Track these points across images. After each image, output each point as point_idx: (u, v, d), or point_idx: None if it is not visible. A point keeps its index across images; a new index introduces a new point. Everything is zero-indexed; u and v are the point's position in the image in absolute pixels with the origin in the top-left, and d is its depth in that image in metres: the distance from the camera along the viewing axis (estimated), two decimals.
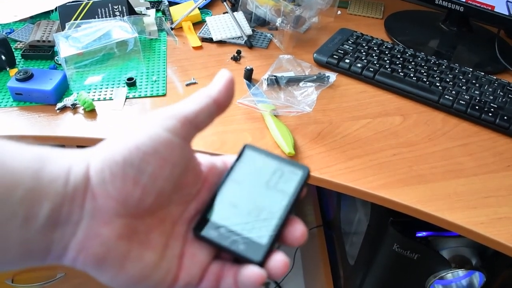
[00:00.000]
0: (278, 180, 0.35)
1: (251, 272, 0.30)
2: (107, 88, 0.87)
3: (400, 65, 0.92)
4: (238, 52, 0.96)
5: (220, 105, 0.33)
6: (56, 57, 0.92)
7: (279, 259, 0.31)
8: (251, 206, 0.34)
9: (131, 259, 0.30)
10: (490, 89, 0.89)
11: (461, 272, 0.82)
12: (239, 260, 0.32)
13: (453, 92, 0.87)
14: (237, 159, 0.36)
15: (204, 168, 0.35)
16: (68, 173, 0.28)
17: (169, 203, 0.32)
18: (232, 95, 0.34)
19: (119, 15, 0.96)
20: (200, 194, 0.34)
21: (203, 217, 0.33)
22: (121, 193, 0.28)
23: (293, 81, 0.88)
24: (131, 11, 0.99)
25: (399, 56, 0.95)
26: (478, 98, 0.87)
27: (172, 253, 0.32)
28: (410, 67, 0.92)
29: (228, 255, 0.33)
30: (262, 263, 0.31)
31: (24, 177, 0.27)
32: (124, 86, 0.87)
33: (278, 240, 0.33)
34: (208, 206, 0.34)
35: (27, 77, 0.81)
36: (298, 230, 0.33)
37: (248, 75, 0.89)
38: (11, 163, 0.27)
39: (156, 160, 0.29)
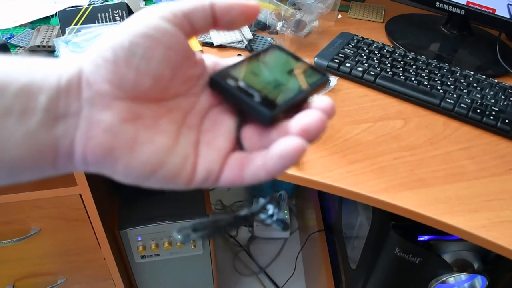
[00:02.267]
0: (299, 72, 0.35)
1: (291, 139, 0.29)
2: None
3: (401, 69, 0.92)
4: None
5: (217, 14, 0.32)
6: None
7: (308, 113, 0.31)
8: (271, 79, 0.33)
9: (140, 142, 0.29)
10: (492, 93, 0.89)
11: (463, 276, 0.82)
12: (250, 114, 0.32)
13: (454, 95, 0.87)
14: (263, 51, 0.36)
15: (209, 63, 0.35)
16: (61, 70, 0.28)
17: (175, 94, 0.31)
18: (238, 14, 0.32)
19: (119, 20, 0.96)
20: (208, 88, 0.34)
21: (224, 70, 0.33)
22: (115, 75, 0.28)
23: None
24: (130, 15, 0.99)
25: (400, 59, 0.95)
26: (479, 101, 0.86)
27: (186, 140, 0.31)
28: (411, 70, 0.92)
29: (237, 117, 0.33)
30: (273, 120, 0.31)
31: (17, 76, 0.27)
32: None
33: (291, 112, 0.32)
34: (230, 66, 0.34)
35: None
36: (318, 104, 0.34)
37: None
38: (4, 66, 0.28)
39: (147, 42, 0.28)
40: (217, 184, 0.31)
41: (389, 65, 0.93)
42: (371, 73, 0.91)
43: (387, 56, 0.96)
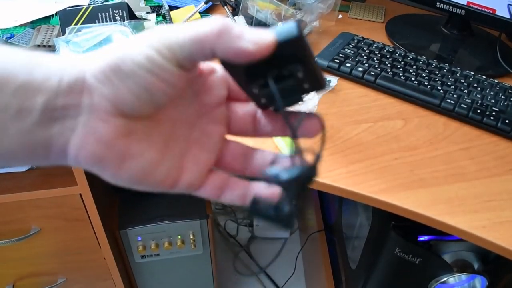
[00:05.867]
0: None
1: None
2: None
3: (401, 69, 0.92)
4: None
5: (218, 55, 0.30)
6: None
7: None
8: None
9: (130, 157, 0.30)
10: (492, 93, 0.89)
11: (463, 276, 0.82)
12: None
13: (455, 96, 0.87)
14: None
15: (204, 74, 0.34)
16: (62, 72, 0.29)
17: (165, 107, 0.32)
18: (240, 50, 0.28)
19: (120, 20, 0.96)
20: (199, 96, 0.34)
21: None
22: (115, 97, 0.28)
23: None
24: (131, 16, 0.99)
25: (400, 60, 0.95)
26: (479, 101, 0.86)
27: (173, 153, 0.32)
28: (411, 71, 0.92)
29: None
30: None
31: (17, 73, 0.27)
32: None
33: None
34: None
35: None
36: None
37: None
38: (4, 61, 0.28)
39: (149, 77, 0.28)
40: (196, 194, 0.34)
41: (389, 65, 0.93)
42: (372, 73, 0.91)
43: (388, 56, 0.96)
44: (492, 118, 0.83)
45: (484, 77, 0.93)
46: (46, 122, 0.28)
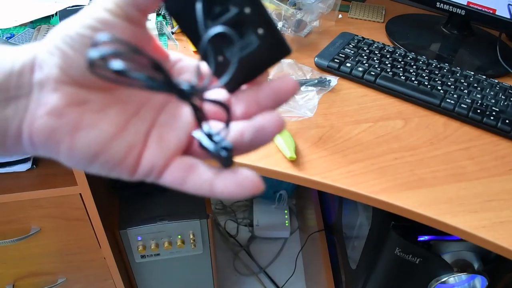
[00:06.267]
0: None
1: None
2: None
3: (401, 69, 0.92)
4: None
5: None
6: None
7: None
8: None
9: (83, 125, 0.29)
10: (492, 93, 0.89)
11: (463, 276, 0.82)
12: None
13: (455, 95, 0.87)
14: None
15: (173, 59, 0.34)
16: (17, 56, 0.29)
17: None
18: None
19: None
20: None
21: None
22: (64, 61, 0.28)
23: None
24: None
25: (400, 59, 0.95)
26: (479, 101, 0.86)
27: (135, 129, 0.31)
28: (411, 70, 0.92)
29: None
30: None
31: None
32: None
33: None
34: None
35: None
36: None
37: None
38: None
39: (93, 34, 0.28)
40: (159, 181, 0.31)
41: (389, 65, 0.93)
42: (372, 73, 0.91)
43: (388, 56, 0.96)
44: (492, 118, 0.83)
45: (484, 77, 0.93)
46: (1, 104, 0.28)
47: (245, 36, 0.30)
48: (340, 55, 0.95)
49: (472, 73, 0.94)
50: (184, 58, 0.35)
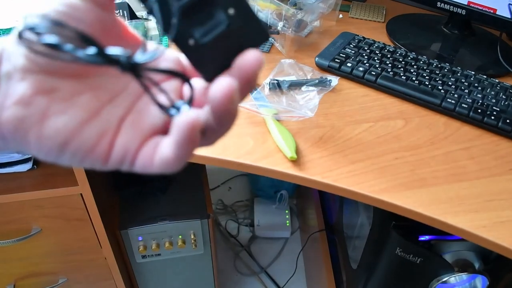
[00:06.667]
0: None
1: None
2: None
3: (402, 69, 0.92)
4: None
5: None
6: None
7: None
8: None
9: (52, 113, 0.28)
10: (493, 93, 0.89)
11: (464, 276, 0.82)
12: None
13: (455, 95, 0.87)
14: None
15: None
16: None
17: (99, 71, 0.31)
18: None
19: None
20: None
21: None
22: (29, 49, 0.28)
23: (295, 85, 0.88)
24: (132, 16, 0.99)
25: (401, 59, 0.95)
26: (480, 101, 0.86)
27: (107, 115, 0.30)
28: (412, 70, 0.92)
29: None
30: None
31: None
32: None
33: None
34: None
35: None
36: None
37: None
38: None
39: (58, 18, 0.28)
40: (132, 168, 0.30)
41: (390, 65, 0.93)
42: (372, 73, 0.91)
43: (388, 56, 0.96)
44: (492, 117, 0.83)
45: (485, 76, 0.93)
46: None
47: (214, 16, 0.28)
48: (341, 55, 0.95)
49: (473, 73, 0.94)
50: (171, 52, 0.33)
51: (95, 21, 0.30)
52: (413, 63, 0.95)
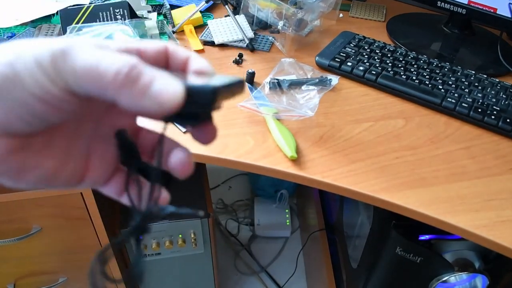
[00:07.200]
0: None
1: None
2: None
3: (402, 68, 0.92)
4: (240, 56, 0.96)
5: None
6: None
7: None
8: None
9: (28, 169, 0.29)
10: (493, 92, 0.89)
11: (464, 275, 0.82)
12: None
13: (456, 95, 0.87)
14: None
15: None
16: None
17: (69, 120, 0.31)
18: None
19: (121, 19, 0.96)
20: None
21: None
22: (2, 121, 0.26)
23: (295, 84, 0.88)
24: (132, 15, 0.99)
25: (401, 59, 0.95)
26: (480, 101, 0.86)
27: (76, 156, 0.32)
28: (412, 70, 0.92)
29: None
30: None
31: None
32: None
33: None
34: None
35: None
36: None
37: (250, 78, 0.89)
38: None
39: (40, 105, 0.26)
40: (102, 190, 0.34)
41: (390, 64, 0.93)
42: (373, 72, 0.91)
43: (389, 55, 0.96)
44: (493, 117, 0.83)
45: (485, 76, 0.93)
46: None
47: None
48: (341, 54, 0.95)
49: (473, 72, 0.94)
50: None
51: (77, 108, 0.28)
52: (413, 63, 0.95)
